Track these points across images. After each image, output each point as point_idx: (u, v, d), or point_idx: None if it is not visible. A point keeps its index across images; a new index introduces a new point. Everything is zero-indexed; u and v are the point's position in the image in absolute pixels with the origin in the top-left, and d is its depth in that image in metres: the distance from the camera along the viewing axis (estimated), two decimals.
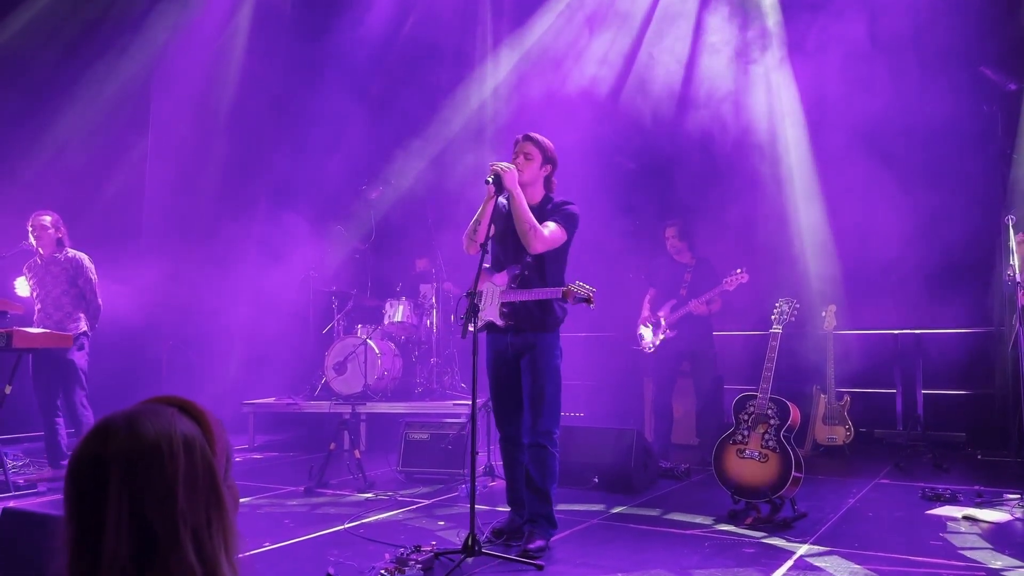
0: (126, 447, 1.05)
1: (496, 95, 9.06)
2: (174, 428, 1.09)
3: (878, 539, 4.13)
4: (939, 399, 7.15)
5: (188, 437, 1.09)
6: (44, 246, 5.90)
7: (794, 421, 4.53)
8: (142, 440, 1.06)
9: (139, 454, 1.05)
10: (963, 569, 3.61)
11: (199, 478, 1.08)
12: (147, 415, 1.10)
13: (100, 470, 1.04)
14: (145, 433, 1.07)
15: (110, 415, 1.11)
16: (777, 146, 7.67)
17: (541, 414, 4.07)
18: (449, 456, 5.74)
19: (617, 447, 5.53)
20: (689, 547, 4.04)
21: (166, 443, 1.07)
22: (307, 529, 4.47)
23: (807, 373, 6.91)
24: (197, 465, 1.08)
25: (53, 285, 5.93)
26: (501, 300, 4.10)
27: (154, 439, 1.07)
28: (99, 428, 1.09)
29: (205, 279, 8.37)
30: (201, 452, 1.10)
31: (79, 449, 1.08)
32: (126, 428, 1.07)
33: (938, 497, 4.98)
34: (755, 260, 7.21)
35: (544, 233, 4.01)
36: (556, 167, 4.26)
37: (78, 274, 5.95)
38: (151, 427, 1.08)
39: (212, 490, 1.09)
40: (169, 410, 1.12)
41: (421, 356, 8.16)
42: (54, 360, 5.83)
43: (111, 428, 1.08)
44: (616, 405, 7.74)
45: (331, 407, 7.33)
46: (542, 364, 4.09)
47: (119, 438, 1.06)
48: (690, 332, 6.46)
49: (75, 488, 1.06)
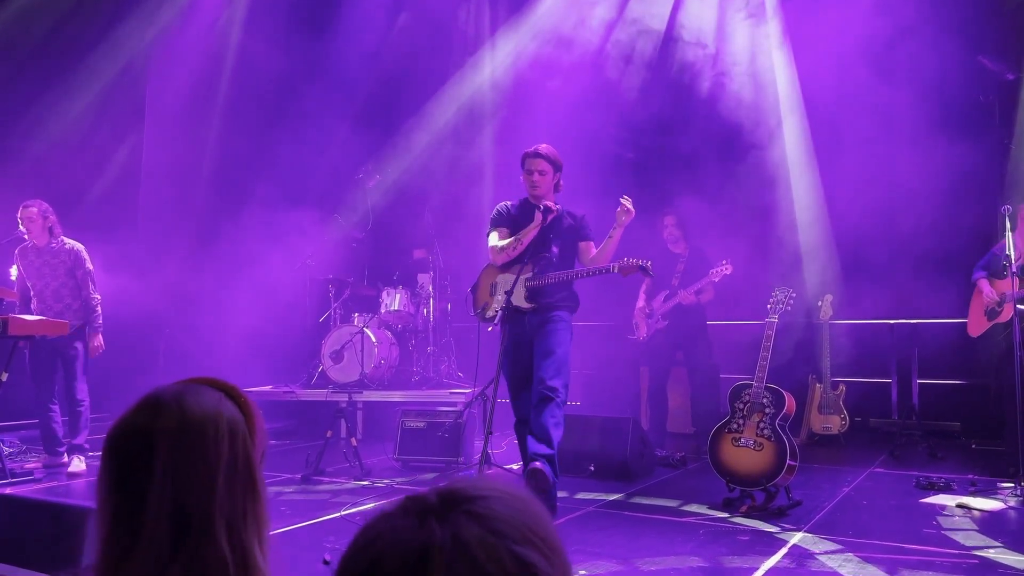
0: (176, 423, 1.03)
1: (494, 82, 9.03)
2: (221, 411, 1.07)
3: (872, 527, 4.16)
4: (934, 388, 7.18)
5: (233, 422, 1.08)
6: (36, 237, 5.85)
7: (789, 410, 4.54)
8: (192, 418, 1.04)
9: (187, 432, 1.03)
10: (957, 557, 3.63)
11: (239, 466, 1.06)
12: (196, 395, 1.08)
13: (147, 443, 1.02)
14: (195, 412, 1.05)
15: (159, 389, 1.08)
16: (775, 136, 7.67)
17: (549, 371, 4.31)
18: (445, 444, 5.75)
19: (613, 436, 5.55)
20: (684, 534, 4.06)
21: (213, 425, 1.05)
22: (303, 516, 4.48)
23: (803, 362, 6.92)
24: (238, 453, 1.07)
25: (52, 277, 5.88)
26: (527, 285, 4.42)
27: (202, 419, 1.05)
28: (148, 401, 1.06)
29: (201, 267, 8.35)
30: (243, 440, 1.08)
31: (125, 421, 1.05)
32: (176, 404, 1.05)
33: (932, 486, 5.01)
34: (751, 249, 7.21)
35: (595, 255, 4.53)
36: (562, 170, 4.58)
37: (76, 265, 5.90)
38: (200, 407, 1.06)
39: (250, 479, 1.07)
40: (217, 393, 1.11)
41: (418, 344, 8.17)
42: (53, 348, 5.80)
43: (162, 402, 1.05)
44: (612, 394, 7.75)
45: (328, 395, 7.34)
46: (554, 330, 4.41)
47: (169, 412, 1.04)
48: (683, 322, 6.47)
49: (118, 460, 1.03)
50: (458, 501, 0.69)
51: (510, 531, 0.68)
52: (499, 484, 0.74)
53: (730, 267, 6.10)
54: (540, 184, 4.45)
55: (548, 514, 0.75)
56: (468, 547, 0.65)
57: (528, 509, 0.72)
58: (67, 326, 5.57)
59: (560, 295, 4.51)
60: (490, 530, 0.67)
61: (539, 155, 4.43)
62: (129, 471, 1.02)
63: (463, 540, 0.65)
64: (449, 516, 0.67)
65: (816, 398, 6.73)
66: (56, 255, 5.90)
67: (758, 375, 4.59)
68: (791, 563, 3.57)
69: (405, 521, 0.68)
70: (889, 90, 6.72)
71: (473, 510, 0.68)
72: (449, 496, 0.70)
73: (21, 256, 5.94)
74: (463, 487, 0.72)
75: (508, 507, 0.70)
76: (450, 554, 0.64)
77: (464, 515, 0.67)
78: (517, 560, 0.66)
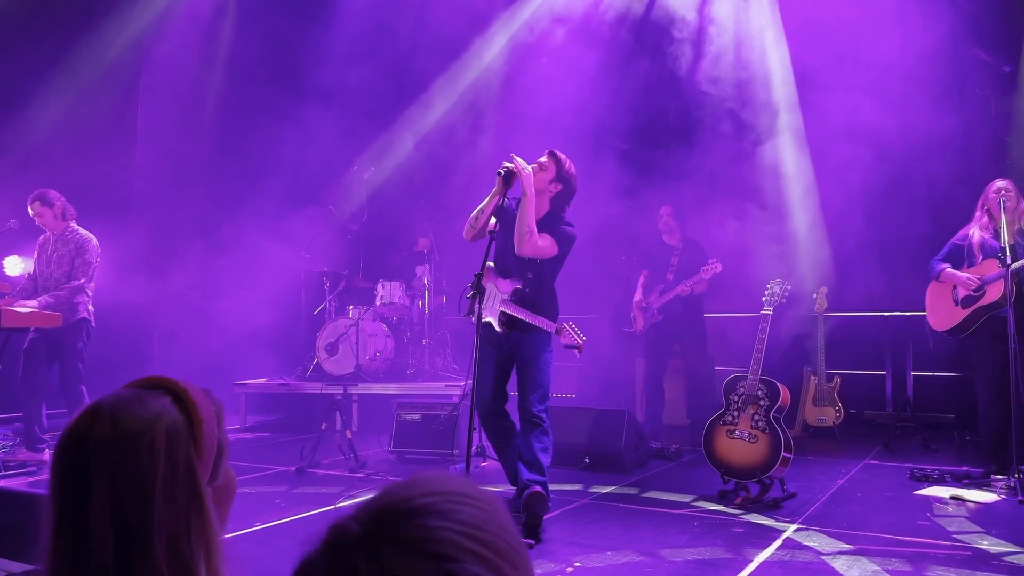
0: (107, 433, 0.99)
1: (491, 72, 8.99)
2: (160, 421, 1.01)
3: (866, 519, 4.16)
4: (928, 381, 7.19)
5: (172, 434, 1.02)
6: (51, 227, 5.77)
7: (784, 402, 4.55)
8: (123, 430, 1.00)
9: (117, 444, 0.99)
10: (950, 549, 3.64)
11: (179, 477, 1.01)
12: (134, 403, 1.03)
13: (82, 452, 0.99)
14: (127, 423, 1.00)
15: (104, 396, 1.04)
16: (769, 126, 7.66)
17: (534, 397, 4.20)
18: (440, 437, 5.75)
19: (608, 428, 5.55)
20: (679, 526, 4.06)
21: (148, 437, 1.00)
22: (298, 509, 4.48)
23: (798, 354, 6.93)
24: (178, 463, 1.01)
25: (57, 266, 5.77)
26: (502, 308, 4.24)
27: (135, 431, 1.00)
28: (89, 408, 1.03)
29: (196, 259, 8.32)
30: (184, 453, 1.02)
31: (69, 426, 1.02)
32: (110, 413, 1.01)
33: (926, 478, 5.02)
34: (747, 242, 7.21)
35: (537, 241, 4.13)
36: (570, 193, 4.30)
37: (77, 254, 5.78)
38: (135, 417, 1.01)
39: (193, 495, 1.01)
40: (161, 400, 1.04)
41: (413, 337, 8.15)
42: (49, 342, 5.72)
43: (98, 410, 1.02)
44: (608, 386, 7.76)
45: (323, 388, 7.33)
46: (534, 354, 4.24)
47: (103, 422, 1.00)
48: (679, 315, 6.50)
49: (59, 466, 1.01)
50: (385, 525, 0.64)
51: (445, 550, 0.62)
52: (438, 486, 0.68)
53: (719, 265, 6.23)
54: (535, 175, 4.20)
55: (500, 511, 0.69)
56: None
57: (471, 513, 0.66)
58: (59, 318, 5.51)
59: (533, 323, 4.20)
60: (420, 553, 0.61)
61: (551, 153, 4.27)
62: (67, 479, 1.00)
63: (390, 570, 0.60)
64: (374, 544, 0.62)
65: (811, 390, 6.74)
66: (66, 243, 5.78)
67: (753, 367, 4.60)
68: (786, 555, 3.58)
69: (328, 564, 0.63)
70: (885, 81, 6.70)
71: (401, 534, 0.63)
72: (375, 521, 0.64)
73: (40, 246, 5.86)
74: (394, 502, 0.66)
75: (445, 517, 0.64)
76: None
77: (389, 544, 0.62)
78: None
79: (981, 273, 5.07)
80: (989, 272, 5.02)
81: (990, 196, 5.12)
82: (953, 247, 5.32)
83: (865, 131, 6.71)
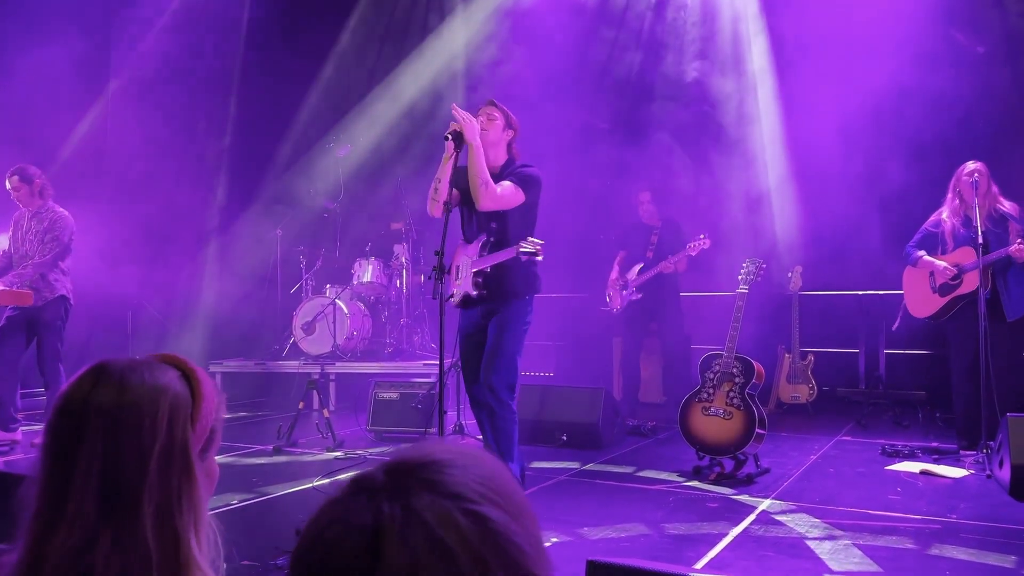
0: (113, 397, 1.00)
1: (468, 47, 8.92)
2: (166, 393, 1.02)
3: (839, 494, 4.23)
4: (901, 359, 7.29)
5: (176, 403, 1.03)
6: (26, 203, 5.64)
7: (759, 379, 4.59)
8: (130, 395, 1.00)
9: (122, 408, 0.99)
10: (920, 522, 3.71)
11: (175, 449, 1.02)
12: (143, 371, 1.03)
13: (83, 413, 0.99)
14: (135, 388, 1.01)
15: (109, 359, 1.05)
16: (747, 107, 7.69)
17: (493, 367, 3.97)
18: (419, 415, 5.75)
19: (586, 405, 5.58)
20: (655, 502, 4.11)
21: (151, 404, 1.01)
22: (275, 487, 4.47)
23: (773, 332, 6.99)
24: (176, 435, 1.02)
25: (31, 244, 5.62)
26: (473, 269, 4.03)
27: (141, 397, 1.01)
28: (93, 370, 1.03)
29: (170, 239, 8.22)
30: (183, 427, 1.03)
31: (69, 387, 1.02)
32: (117, 377, 1.01)
33: (897, 453, 5.11)
34: (723, 221, 7.25)
35: (496, 191, 3.90)
36: (517, 134, 4.15)
37: (48, 231, 5.62)
38: (143, 384, 1.02)
39: (185, 468, 1.03)
40: (170, 373, 1.06)
41: (391, 316, 8.13)
42: (27, 320, 5.57)
43: (104, 374, 1.02)
44: (585, 364, 7.80)
45: (300, 367, 7.31)
46: (507, 323, 4.02)
47: (109, 385, 1.00)
48: (657, 293, 6.53)
49: (55, 428, 1.00)
50: (406, 472, 0.68)
51: (464, 492, 0.66)
52: (453, 447, 0.72)
53: (708, 241, 6.17)
54: (487, 128, 3.99)
55: (508, 472, 0.74)
56: (419, 515, 0.64)
57: (485, 468, 0.70)
58: (30, 296, 5.41)
59: (510, 283, 4.01)
60: (441, 494, 0.66)
61: (491, 103, 4.10)
62: (62, 440, 0.99)
63: (414, 510, 0.64)
64: (398, 489, 0.66)
65: (785, 368, 6.82)
66: (41, 221, 5.65)
67: (728, 345, 4.63)
68: (759, 528, 3.63)
69: (354, 503, 0.66)
70: (861, 59, 6.73)
71: (423, 477, 0.67)
72: (397, 469, 0.68)
73: (15, 222, 5.72)
74: (412, 456, 0.70)
75: (461, 469, 0.68)
76: (401, 526, 0.63)
77: (414, 485, 0.66)
78: (472, 517, 0.65)
79: (956, 261, 5.10)
80: (965, 261, 5.05)
81: (962, 179, 5.12)
82: (927, 233, 5.33)
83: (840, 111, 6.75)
